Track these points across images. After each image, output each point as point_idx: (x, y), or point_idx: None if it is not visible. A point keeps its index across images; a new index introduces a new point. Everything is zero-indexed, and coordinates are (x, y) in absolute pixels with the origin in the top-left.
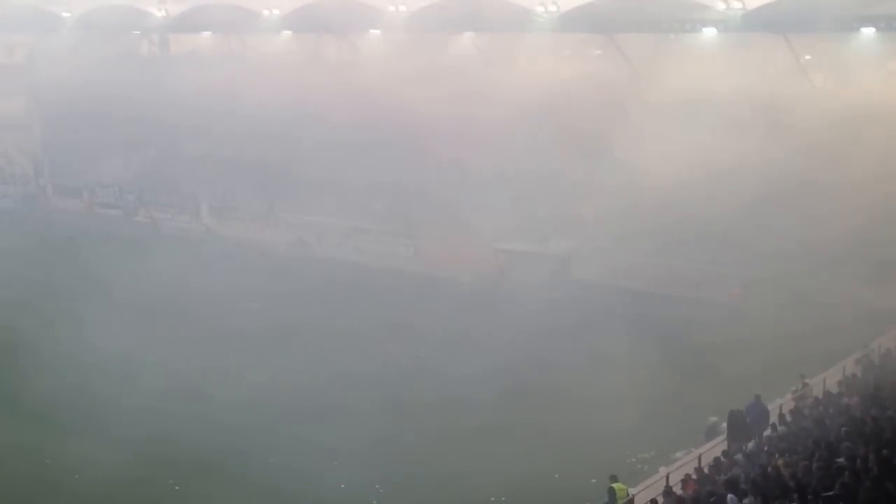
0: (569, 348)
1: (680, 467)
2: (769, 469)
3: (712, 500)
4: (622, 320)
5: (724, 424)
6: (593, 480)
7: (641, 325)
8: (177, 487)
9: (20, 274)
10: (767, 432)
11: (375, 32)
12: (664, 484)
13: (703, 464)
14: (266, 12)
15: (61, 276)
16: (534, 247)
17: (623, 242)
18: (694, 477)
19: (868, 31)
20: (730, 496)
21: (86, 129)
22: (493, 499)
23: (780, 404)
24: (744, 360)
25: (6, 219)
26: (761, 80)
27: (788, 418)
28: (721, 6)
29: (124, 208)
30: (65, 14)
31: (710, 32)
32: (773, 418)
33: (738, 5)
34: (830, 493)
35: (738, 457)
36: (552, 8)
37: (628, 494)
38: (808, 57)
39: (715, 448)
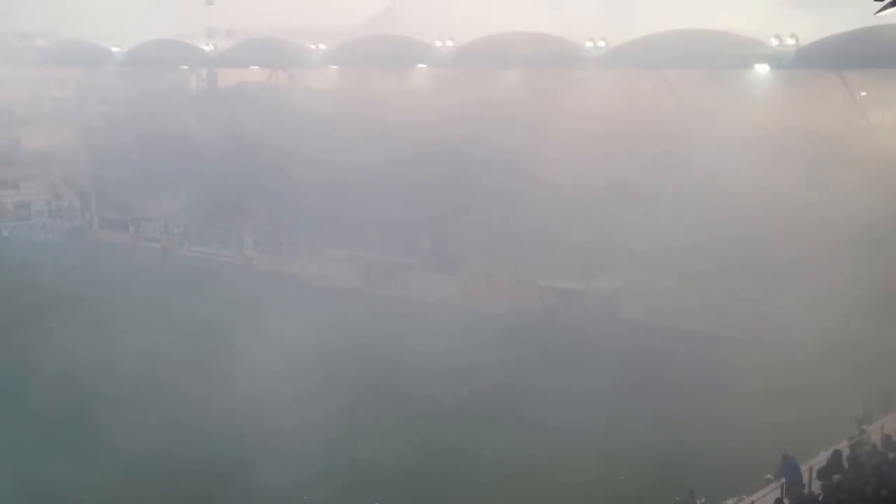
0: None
1: None
2: None
3: None
4: (672, 364)
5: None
6: None
7: (690, 369)
8: None
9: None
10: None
11: (422, 67)
12: None
13: None
14: (313, 47)
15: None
16: (579, 284)
17: (671, 280)
18: None
19: None
20: None
21: (133, 163)
22: None
23: (835, 451)
24: (798, 407)
25: (52, 252)
26: (816, 117)
27: (846, 465)
28: (774, 42)
29: (169, 242)
30: (114, 49)
31: (762, 69)
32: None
33: (791, 42)
34: None
35: None
36: (601, 43)
37: None
38: (863, 94)
39: (767, 496)
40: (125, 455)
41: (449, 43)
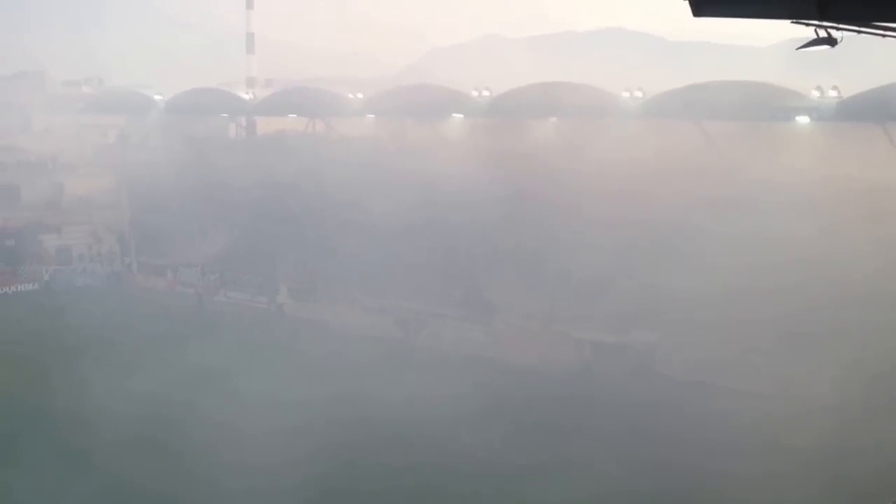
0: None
1: None
2: None
3: None
4: (711, 422)
5: None
6: None
7: (728, 428)
8: None
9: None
10: None
11: (458, 116)
12: None
13: None
14: (350, 96)
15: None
16: (616, 337)
17: (709, 335)
18: None
19: None
20: None
21: (173, 209)
22: None
23: None
24: (843, 465)
25: (90, 296)
26: (858, 169)
27: None
28: (815, 94)
29: (204, 288)
30: (157, 97)
31: (803, 121)
32: None
33: (833, 94)
34: None
35: None
36: (637, 94)
37: None
38: None
39: None
40: None
41: (485, 92)
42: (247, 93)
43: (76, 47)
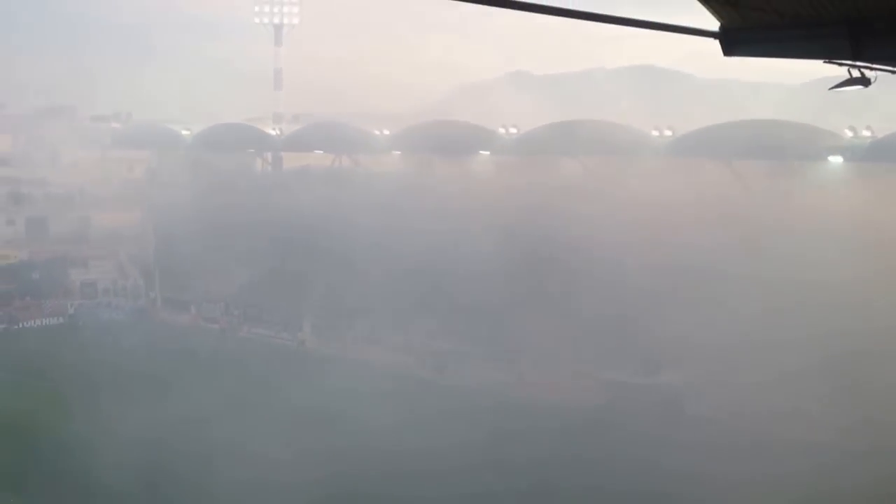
0: None
1: None
2: None
3: None
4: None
5: None
6: None
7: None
8: None
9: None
10: None
11: (485, 154)
12: None
13: None
14: (377, 132)
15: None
16: (643, 378)
17: (739, 375)
18: None
19: None
20: None
21: (198, 244)
22: None
23: None
24: None
25: (114, 331)
26: (892, 211)
27: None
28: (848, 134)
29: (229, 324)
30: (184, 132)
31: (836, 161)
32: None
33: (866, 133)
34: None
35: None
36: (667, 132)
37: None
38: None
39: None
40: None
41: (512, 129)
42: (273, 128)
43: (107, 83)
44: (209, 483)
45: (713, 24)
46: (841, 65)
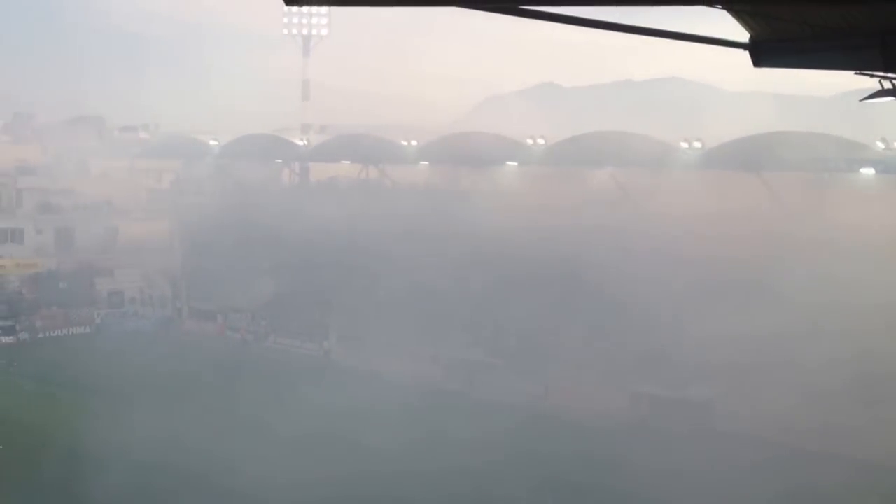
0: None
1: None
2: None
3: None
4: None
5: None
6: None
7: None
8: None
9: None
10: None
11: (512, 165)
12: None
13: None
14: (404, 143)
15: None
16: (673, 392)
17: (769, 390)
18: None
19: None
20: None
21: (225, 254)
22: None
23: None
24: None
25: (140, 341)
26: None
27: None
28: (880, 146)
29: (255, 334)
30: (212, 142)
31: (868, 173)
32: None
33: None
34: None
35: None
36: (696, 144)
37: None
38: None
39: None
40: None
41: (540, 141)
42: (301, 139)
43: (136, 93)
44: (234, 487)
45: (743, 36)
46: (872, 76)
